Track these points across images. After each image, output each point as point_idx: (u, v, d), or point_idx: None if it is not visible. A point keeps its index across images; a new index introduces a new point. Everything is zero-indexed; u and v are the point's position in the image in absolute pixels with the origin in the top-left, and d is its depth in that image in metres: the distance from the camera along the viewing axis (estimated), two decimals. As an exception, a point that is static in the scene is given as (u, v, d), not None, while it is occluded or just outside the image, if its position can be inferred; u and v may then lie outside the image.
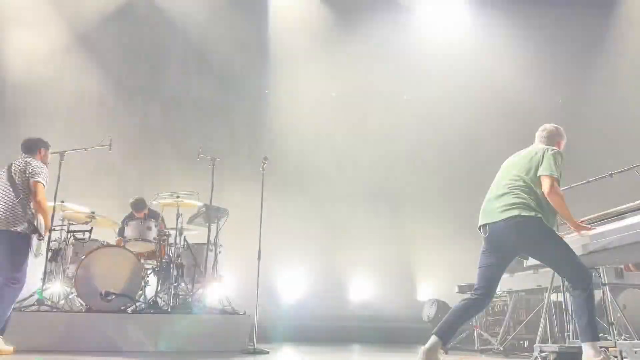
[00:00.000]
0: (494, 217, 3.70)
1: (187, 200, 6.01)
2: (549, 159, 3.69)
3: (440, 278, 9.15)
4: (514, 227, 3.60)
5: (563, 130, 4.02)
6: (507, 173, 3.87)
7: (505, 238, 3.66)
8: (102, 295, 5.19)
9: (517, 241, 3.65)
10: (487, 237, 3.75)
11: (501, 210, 3.67)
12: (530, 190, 3.67)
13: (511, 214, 3.61)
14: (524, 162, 3.82)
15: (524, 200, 3.63)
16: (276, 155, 9.81)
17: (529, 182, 3.70)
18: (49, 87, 9.45)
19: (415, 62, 10.32)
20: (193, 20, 10.33)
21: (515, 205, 3.63)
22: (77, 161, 9.26)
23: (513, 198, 3.67)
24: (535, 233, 3.58)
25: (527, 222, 3.57)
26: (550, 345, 4.10)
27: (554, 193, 3.56)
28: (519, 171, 3.78)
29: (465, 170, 10.18)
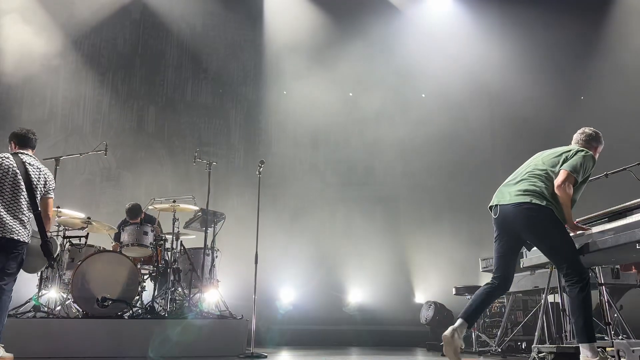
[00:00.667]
0: (506, 199, 3.74)
1: (183, 205, 5.99)
2: (578, 158, 3.68)
3: (438, 280, 9.16)
4: (523, 213, 3.63)
5: (602, 137, 3.99)
6: (532, 162, 3.90)
7: (512, 221, 3.69)
8: (99, 301, 5.17)
9: (524, 227, 3.67)
10: (496, 219, 3.80)
11: (514, 195, 3.70)
12: (549, 182, 3.68)
13: (523, 199, 3.64)
14: (553, 156, 3.83)
15: (539, 189, 3.65)
16: (272, 159, 9.87)
17: (550, 173, 3.71)
18: (43, 92, 9.44)
19: (412, 65, 10.35)
20: (188, 25, 10.35)
21: (528, 192, 3.66)
22: (73, 167, 9.28)
23: (529, 185, 3.70)
24: (543, 221, 3.59)
25: (537, 210, 3.58)
26: (548, 345, 4.10)
27: (563, 188, 3.57)
28: (544, 162, 3.80)
29: (461, 173, 10.22)
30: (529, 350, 5.24)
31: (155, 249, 5.85)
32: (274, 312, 8.84)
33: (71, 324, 5.05)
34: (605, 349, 3.54)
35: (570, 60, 9.91)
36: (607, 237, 3.47)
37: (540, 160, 3.86)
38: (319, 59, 10.24)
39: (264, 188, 5.92)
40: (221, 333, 5.24)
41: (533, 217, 3.60)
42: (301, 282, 9.25)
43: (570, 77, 9.92)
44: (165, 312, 5.52)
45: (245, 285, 6.25)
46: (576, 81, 9.94)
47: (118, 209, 8.61)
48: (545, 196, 3.61)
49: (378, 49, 10.49)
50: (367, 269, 9.53)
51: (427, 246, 9.72)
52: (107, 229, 6.12)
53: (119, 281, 5.28)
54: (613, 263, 4.48)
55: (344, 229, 9.95)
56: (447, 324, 7.40)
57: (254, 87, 10.54)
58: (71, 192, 8.81)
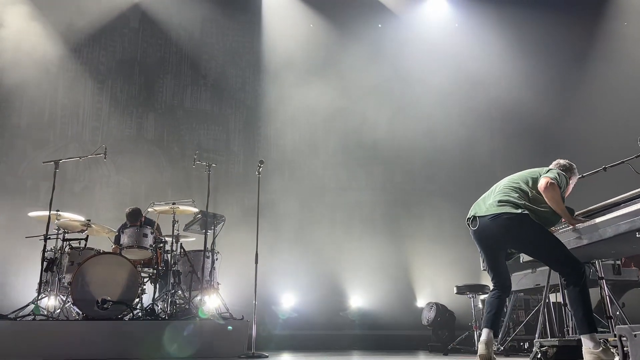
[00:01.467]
0: (482, 211, 3.84)
1: (182, 207, 5.99)
2: (553, 171, 3.84)
3: (439, 282, 9.13)
4: (501, 223, 3.72)
5: (576, 169, 4.12)
6: (505, 181, 4.02)
7: (491, 233, 3.78)
8: (99, 303, 5.15)
9: (506, 237, 3.78)
10: (475, 230, 3.89)
11: (490, 207, 3.81)
12: (522, 192, 3.81)
13: (499, 210, 3.74)
14: (525, 174, 3.97)
15: (512, 198, 3.76)
16: (272, 165, 9.88)
17: (523, 186, 3.84)
18: (42, 100, 9.46)
19: (410, 69, 10.39)
20: (187, 32, 10.41)
21: (502, 203, 3.76)
22: (72, 174, 9.29)
23: (502, 196, 3.81)
24: (522, 229, 3.69)
25: (514, 218, 3.67)
26: (550, 339, 4.08)
27: (549, 188, 3.67)
28: (518, 179, 3.94)
29: (461, 176, 10.22)
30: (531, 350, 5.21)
31: (155, 251, 5.84)
32: (275, 317, 8.80)
33: (71, 326, 5.02)
34: (608, 340, 3.54)
35: (568, 59, 9.95)
36: (607, 227, 3.47)
37: (514, 177, 3.99)
38: (318, 64, 10.29)
39: (263, 194, 5.93)
40: (222, 334, 5.21)
41: (512, 226, 3.69)
42: (302, 287, 9.22)
43: (569, 76, 9.95)
44: (166, 315, 5.50)
45: (246, 289, 6.24)
46: (574, 80, 9.97)
47: (118, 215, 8.58)
48: (519, 204, 3.71)
49: (376, 53, 10.53)
50: (367, 274, 9.50)
51: (427, 250, 9.71)
52: (107, 231, 6.11)
53: (119, 283, 5.26)
54: (613, 256, 4.48)
55: (344, 233, 9.93)
56: (448, 325, 7.44)
57: (252, 93, 10.59)
58: (70, 198, 8.82)
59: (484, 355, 3.67)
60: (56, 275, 5.52)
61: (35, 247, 5.86)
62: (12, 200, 8.72)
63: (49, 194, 5.70)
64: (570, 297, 3.60)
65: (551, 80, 9.94)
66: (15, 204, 8.57)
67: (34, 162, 9.04)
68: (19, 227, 7.28)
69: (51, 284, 5.53)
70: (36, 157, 9.02)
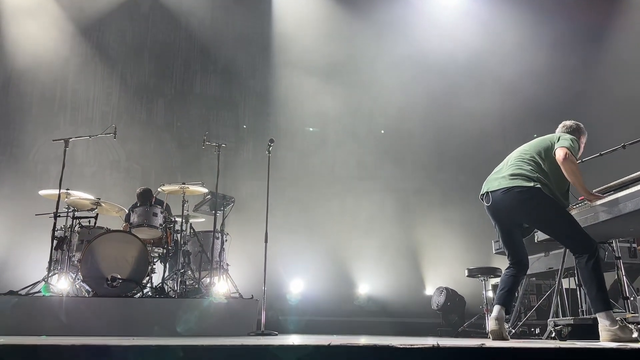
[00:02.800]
0: (494, 186, 3.77)
1: (192, 187, 5.97)
2: (566, 138, 3.73)
3: (448, 269, 9.07)
4: (513, 197, 3.65)
5: (584, 128, 4.02)
6: (517, 152, 3.94)
7: (505, 207, 3.71)
8: (108, 281, 5.14)
9: (518, 211, 3.70)
10: (488, 206, 3.83)
11: (502, 180, 3.73)
12: (535, 164, 3.71)
13: (511, 184, 3.66)
14: (536, 143, 3.87)
15: (525, 171, 3.67)
16: (281, 152, 9.84)
17: (536, 157, 3.75)
18: (53, 85, 9.49)
19: (421, 56, 10.30)
20: (197, 18, 10.37)
21: (515, 176, 3.68)
22: (83, 159, 9.30)
23: (515, 169, 3.73)
24: (535, 203, 3.61)
25: (527, 192, 3.60)
26: (564, 318, 4.02)
27: (568, 161, 3.56)
28: (529, 149, 3.84)
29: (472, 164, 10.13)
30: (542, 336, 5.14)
31: (165, 231, 5.82)
32: (284, 303, 8.79)
33: (81, 303, 5.01)
34: (626, 318, 3.47)
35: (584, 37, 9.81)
36: (627, 201, 3.40)
37: (525, 147, 3.91)
38: (329, 51, 10.22)
39: (272, 181, 5.88)
40: (231, 313, 5.19)
41: (525, 199, 3.62)
42: (311, 273, 9.20)
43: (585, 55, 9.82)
44: (175, 294, 5.48)
45: (255, 271, 6.22)
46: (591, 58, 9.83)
47: (128, 200, 8.58)
48: (532, 177, 3.63)
49: (387, 39, 10.44)
50: (376, 260, 9.46)
51: (437, 237, 9.66)
52: (117, 210, 6.10)
53: (128, 261, 5.25)
54: (632, 234, 4.39)
55: (353, 221, 9.89)
56: (458, 310, 7.38)
57: (262, 80, 10.53)
58: (81, 183, 8.83)
59: (495, 331, 3.62)
60: (66, 253, 5.51)
61: (46, 226, 5.86)
62: (23, 184, 8.78)
63: (59, 177, 5.69)
64: (583, 276, 3.53)
65: (567, 60, 9.80)
66: (27, 186, 8.61)
67: (45, 146, 9.07)
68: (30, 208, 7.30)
69: (61, 262, 5.52)
70: (47, 142, 9.04)
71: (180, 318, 5.00)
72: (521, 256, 3.82)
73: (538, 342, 3.52)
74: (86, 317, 4.87)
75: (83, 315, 4.86)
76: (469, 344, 1.98)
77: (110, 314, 4.94)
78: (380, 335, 7.81)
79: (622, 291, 4.14)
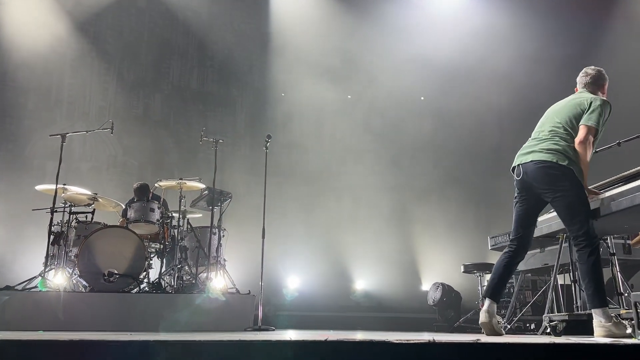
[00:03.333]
0: (527, 158, 3.70)
1: (189, 183, 5.97)
2: (597, 109, 3.63)
3: (445, 264, 9.11)
4: (544, 171, 3.60)
5: (605, 72, 3.94)
6: (550, 120, 3.83)
7: (532, 179, 3.66)
8: (105, 276, 5.14)
9: (543, 183, 3.63)
10: (518, 179, 3.77)
11: (536, 154, 3.67)
12: (570, 138, 3.64)
13: (547, 157, 3.61)
14: (567, 109, 3.77)
15: (562, 148, 3.61)
16: (278, 148, 9.84)
17: (568, 129, 3.67)
18: (49, 80, 9.44)
19: (420, 53, 10.29)
20: (194, 13, 10.33)
21: (552, 151, 3.61)
22: (80, 154, 9.28)
23: (552, 144, 3.65)
24: (563, 179, 3.55)
25: (559, 168, 3.55)
26: (559, 314, 4.04)
27: (585, 146, 3.54)
28: (561, 119, 3.74)
29: (469, 161, 10.18)
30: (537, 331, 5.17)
31: (162, 226, 5.83)
32: (281, 298, 8.81)
33: (77, 298, 5.02)
34: (620, 314, 3.49)
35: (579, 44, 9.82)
36: (622, 198, 3.42)
37: (555, 116, 3.79)
38: (326, 47, 10.21)
39: (270, 177, 5.88)
40: (228, 309, 5.20)
41: (553, 174, 3.57)
42: (308, 269, 9.22)
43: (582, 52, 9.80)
44: (172, 289, 5.49)
45: (252, 267, 6.22)
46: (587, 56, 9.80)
47: (124, 195, 8.58)
48: (569, 156, 3.57)
49: (385, 36, 10.43)
50: (373, 256, 9.49)
51: (434, 233, 9.70)
52: (114, 205, 6.10)
53: (125, 256, 5.26)
54: (626, 230, 4.42)
55: (350, 216, 9.92)
56: (454, 305, 7.42)
57: (260, 75, 10.51)
58: (77, 178, 8.82)
59: (485, 324, 3.63)
60: (63, 248, 5.50)
61: (42, 222, 5.86)
62: (20, 179, 8.75)
63: (55, 172, 5.69)
64: (582, 271, 3.51)
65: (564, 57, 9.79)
66: (23, 182, 8.59)
67: (41, 141, 9.04)
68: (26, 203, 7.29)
69: (58, 258, 5.52)
70: (43, 137, 9.02)
71: (178, 313, 5.01)
72: (527, 233, 3.77)
73: (533, 338, 3.54)
74: (83, 312, 4.88)
75: (80, 310, 4.87)
76: (465, 339, 1.99)
77: (107, 310, 4.95)
78: (376, 331, 7.85)
79: (616, 287, 4.17)
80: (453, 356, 1.84)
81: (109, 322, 4.87)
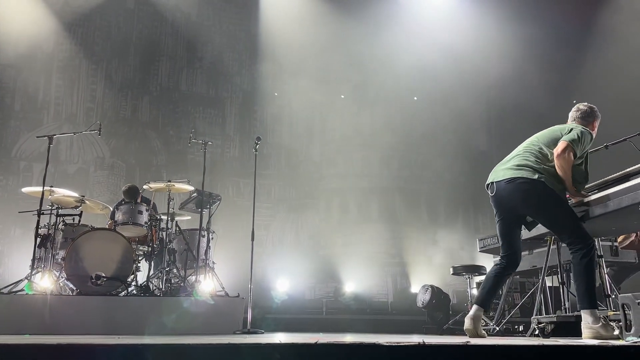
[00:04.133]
0: (499, 176, 3.76)
1: (178, 185, 5.93)
2: (576, 131, 3.68)
3: (434, 267, 9.14)
4: (517, 187, 3.65)
5: (597, 111, 3.97)
6: (529, 141, 3.90)
7: (508, 197, 3.71)
8: (93, 279, 5.09)
9: (520, 201, 3.69)
10: (493, 196, 3.82)
11: (507, 171, 3.73)
12: (542, 156, 3.69)
13: (515, 174, 3.66)
14: (548, 132, 3.84)
15: (530, 162, 3.67)
16: (268, 150, 9.85)
17: (544, 149, 3.72)
18: (36, 80, 9.35)
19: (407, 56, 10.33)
20: (183, 14, 10.31)
21: (521, 167, 3.67)
22: (67, 156, 9.20)
23: (521, 160, 3.72)
24: (538, 194, 3.60)
25: (530, 183, 3.60)
26: (548, 316, 4.07)
27: (563, 156, 3.57)
28: (539, 140, 3.81)
29: (458, 164, 10.22)
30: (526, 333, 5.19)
31: (150, 229, 5.79)
32: (269, 301, 8.78)
33: (65, 301, 4.96)
34: (608, 316, 3.52)
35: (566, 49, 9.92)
36: (609, 201, 3.45)
37: (534, 138, 3.88)
38: (315, 49, 10.22)
39: (259, 179, 5.86)
40: (217, 312, 5.17)
41: (527, 190, 3.62)
42: (297, 271, 9.20)
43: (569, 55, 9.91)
44: (160, 292, 5.45)
45: (241, 269, 6.20)
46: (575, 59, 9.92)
47: (112, 198, 8.54)
48: (536, 169, 3.62)
49: (376, 38, 10.47)
50: (362, 258, 9.50)
51: (423, 236, 9.72)
52: (102, 208, 6.04)
53: (113, 259, 5.21)
54: (614, 233, 4.46)
55: (340, 218, 9.92)
56: (444, 308, 7.44)
57: (249, 77, 10.51)
58: (64, 180, 8.74)
59: (470, 330, 3.66)
60: (50, 251, 5.44)
61: (29, 224, 5.80)
62: (6, 181, 8.66)
63: (42, 174, 5.62)
64: (575, 271, 3.53)
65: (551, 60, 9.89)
66: (9, 184, 8.50)
67: (28, 142, 8.95)
68: (12, 205, 7.21)
69: (45, 260, 5.46)
70: (30, 138, 8.94)
71: (166, 316, 4.98)
72: (515, 249, 3.82)
73: (522, 339, 3.56)
74: (70, 315, 4.82)
75: (67, 313, 4.82)
76: (454, 341, 1.99)
77: (95, 313, 4.89)
78: (365, 333, 7.86)
79: (604, 289, 4.20)
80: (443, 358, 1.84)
81: (96, 325, 4.81)
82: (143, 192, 6.30)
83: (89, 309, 4.91)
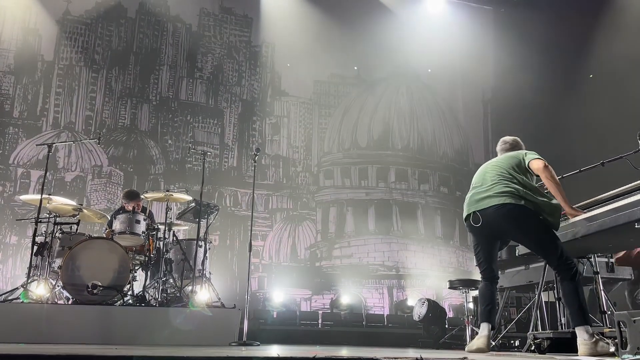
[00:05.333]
0: (484, 204, 3.79)
1: (176, 195, 5.93)
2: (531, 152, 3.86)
3: (430, 281, 9.14)
4: (507, 214, 3.70)
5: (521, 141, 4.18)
6: (490, 171, 3.95)
7: (495, 224, 3.77)
8: (89, 288, 5.07)
9: (510, 227, 3.76)
10: (477, 227, 3.84)
11: (492, 199, 3.76)
12: (519, 181, 3.76)
13: (503, 201, 3.71)
14: (505, 161, 3.92)
15: (514, 189, 3.72)
16: (266, 161, 9.87)
17: (516, 174, 3.80)
18: (36, 87, 9.37)
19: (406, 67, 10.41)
20: (184, 24, 10.38)
21: (506, 194, 3.72)
22: (65, 164, 9.19)
23: (503, 187, 3.76)
24: (525, 220, 3.68)
25: (518, 209, 3.66)
26: (544, 332, 4.07)
27: (547, 169, 3.68)
28: (502, 169, 3.87)
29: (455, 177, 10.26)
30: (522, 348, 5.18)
31: (148, 238, 5.77)
32: (265, 312, 8.73)
33: (60, 310, 4.94)
34: (603, 332, 3.53)
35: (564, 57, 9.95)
36: (606, 217, 3.46)
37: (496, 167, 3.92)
38: (315, 60, 10.29)
39: (257, 189, 5.88)
40: (213, 323, 5.15)
41: (518, 216, 3.68)
42: (293, 283, 9.18)
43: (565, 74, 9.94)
44: (156, 302, 5.43)
45: (237, 280, 6.20)
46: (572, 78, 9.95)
47: (110, 206, 8.54)
48: (522, 195, 3.69)
49: (374, 50, 10.55)
50: (358, 270, 9.49)
51: (419, 248, 9.72)
52: (99, 217, 6.03)
53: (109, 268, 5.18)
54: (610, 250, 4.47)
55: (336, 230, 9.93)
56: (440, 321, 7.42)
57: (249, 87, 10.55)
58: (62, 187, 8.75)
59: (482, 349, 3.66)
60: (46, 259, 5.42)
61: (25, 232, 5.79)
62: (4, 188, 8.64)
63: (39, 182, 5.62)
64: (564, 292, 3.62)
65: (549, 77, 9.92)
66: (7, 191, 8.48)
67: (26, 150, 8.95)
68: (10, 213, 7.20)
69: (41, 269, 5.43)
70: (28, 146, 8.94)
71: (161, 327, 4.96)
72: (496, 271, 3.96)
73: (518, 355, 3.56)
74: (66, 324, 4.79)
75: (63, 323, 4.79)
76: (452, 356, 2.00)
77: (91, 322, 4.87)
78: (361, 346, 7.83)
79: (600, 305, 4.21)
80: (440, 374, 1.85)
81: (92, 334, 4.79)
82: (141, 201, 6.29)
83: (84, 319, 4.88)
